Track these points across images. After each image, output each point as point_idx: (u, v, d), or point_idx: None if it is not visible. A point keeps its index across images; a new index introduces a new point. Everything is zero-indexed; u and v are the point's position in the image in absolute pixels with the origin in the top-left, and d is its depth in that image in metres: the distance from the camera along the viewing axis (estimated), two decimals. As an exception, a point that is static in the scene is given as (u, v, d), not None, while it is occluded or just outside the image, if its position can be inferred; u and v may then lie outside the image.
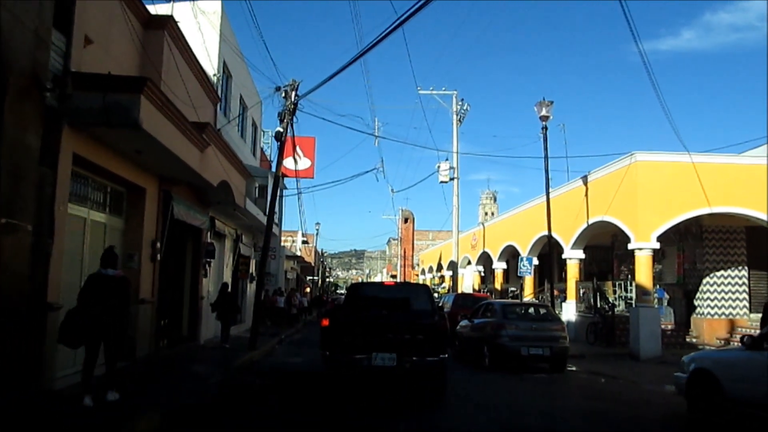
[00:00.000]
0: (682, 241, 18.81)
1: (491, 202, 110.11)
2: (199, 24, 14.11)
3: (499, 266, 29.08)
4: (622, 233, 17.36)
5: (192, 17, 13.95)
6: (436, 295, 22.50)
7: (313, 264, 56.30)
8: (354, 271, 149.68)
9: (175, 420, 6.65)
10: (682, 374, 7.72)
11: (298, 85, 14.86)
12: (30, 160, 6.32)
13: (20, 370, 6.28)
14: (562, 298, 21.25)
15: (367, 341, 8.40)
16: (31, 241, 6.38)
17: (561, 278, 22.19)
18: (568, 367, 12.96)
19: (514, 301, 20.88)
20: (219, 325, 14.30)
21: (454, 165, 25.78)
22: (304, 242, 58.39)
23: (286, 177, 24.92)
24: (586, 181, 18.98)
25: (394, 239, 75.51)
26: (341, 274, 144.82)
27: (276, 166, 15.89)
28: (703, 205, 15.76)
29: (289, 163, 22.10)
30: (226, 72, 16.97)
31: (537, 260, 24.03)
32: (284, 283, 30.76)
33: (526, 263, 21.03)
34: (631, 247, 16.55)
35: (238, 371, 10.93)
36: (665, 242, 17.27)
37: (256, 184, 19.68)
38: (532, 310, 14.09)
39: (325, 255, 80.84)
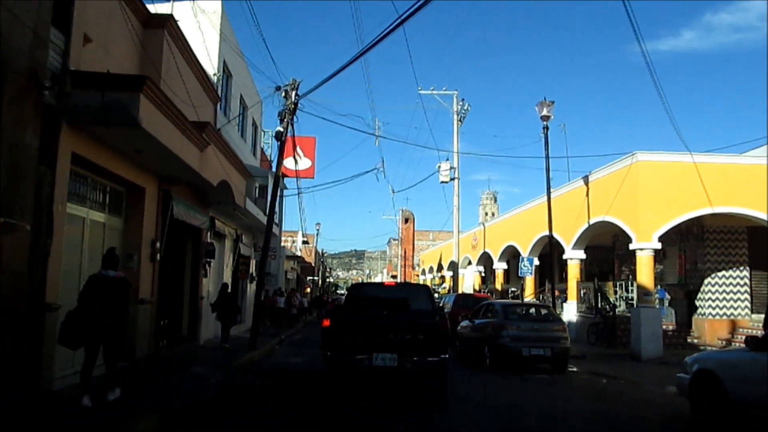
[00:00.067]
0: (684, 242, 18.77)
1: (491, 202, 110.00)
2: (199, 23, 14.07)
3: (500, 266, 29.06)
4: (623, 233, 17.32)
5: (192, 16, 13.91)
6: (437, 295, 22.44)
7: (313, 264, 56.25)
8: (354, 272, 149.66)
9: (175, 420, 6.62)
10: (684, 375, 7.68)
11: (298, 85, 14.82)
12: (28, 159, 6.26)
13: (19, 371, 6.23)
14: (563, 299, 21.21)
15: (368, 341, 8.39)
16: (30, 241, 6.33)
17: (562, 278, 22.14)
18: (570, 367, 12.93)
19: (515, 301, 20.82)
20: (219, 326, 14.27)
21: (455, 165, 25.76)
22: (305, 242, 58.33)
23: (286, 177, 24.90)
24: (587, 181, 18.94)
25: (395, 239, 75.48)
26: (341, 275, 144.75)
27: (276, 166, 15.85)
28: (705, 205, 15.73)
29: (289, 163, 22.07)
30: (226, 71, 16.93)
31: (538, 260, 24.00)
32: (284, 284, 30.72)
33: (526, 263, 20.98)
34: (632, 247, 16.51)
35: (238, 371, 10.90)
36: (666, 242, 17.23)
37: (257, 184, 19.64)
38: (534, 311, 14.07)
39: (326, 255, 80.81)
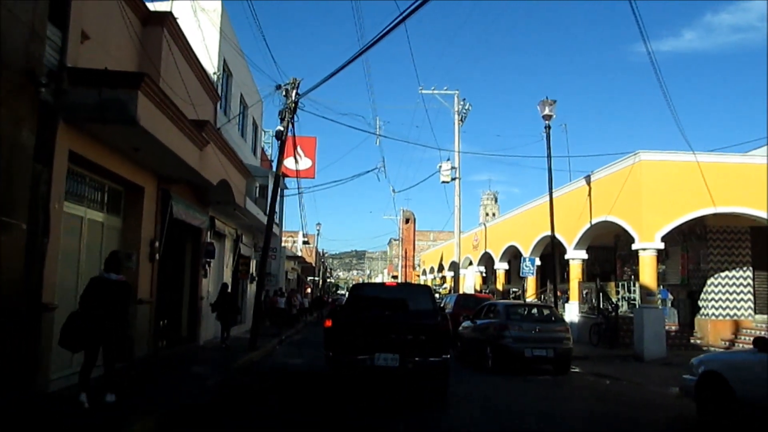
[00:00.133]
0: (686, 242, 18.67)
1: (492, 202, 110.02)
2: (199, 22, 13.99)
3: (501, 267, 28.95)
4: (626, 233, 17.21)
5: (192, 15, 13.83)
6: (438, 295, 22.35)
7: (313, 264, 56.18)
8: (355, 272, 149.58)
9: (174, 421, 6.56)
10: (690, 377, 7.57)
11: (298, 84, 14.74)
12: (24, 157, 6.18)
13: (15, 371, 6.15)
14: (565, 299, 21.10)
15: (370, 342, 8.35)
16: (26, 240, 6.24)
17: (563, 279, 22.04)
18: (572, 368, 12.83)
19: (517, 301, 20.72)
20: (219, 326, 14.20)
21: (456, 165, 25.64)
22: (305, 242, 58.23)
23: (286, 177, 24.83)
24: (589, 181, 18.84)
25: (396, 240, 75.42)
26: (342, 275, 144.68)
27: (276, 166, 15.77)
28: (708, 205, 15.61)
29: (289, 162, 22.00)
30: (226, 70, 16.84)
31: (539, 261, 23.87)
32: (285, 284, 30.64)
33: (528, 264, 20.87)
34: (635, 247, 16.40)
35: (238, 372, 10.83)
36: (669, 242, 17.12)
37: (257, 184, 19.57)
38: (536, 311, 13.96)
39: (326, 255, 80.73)
